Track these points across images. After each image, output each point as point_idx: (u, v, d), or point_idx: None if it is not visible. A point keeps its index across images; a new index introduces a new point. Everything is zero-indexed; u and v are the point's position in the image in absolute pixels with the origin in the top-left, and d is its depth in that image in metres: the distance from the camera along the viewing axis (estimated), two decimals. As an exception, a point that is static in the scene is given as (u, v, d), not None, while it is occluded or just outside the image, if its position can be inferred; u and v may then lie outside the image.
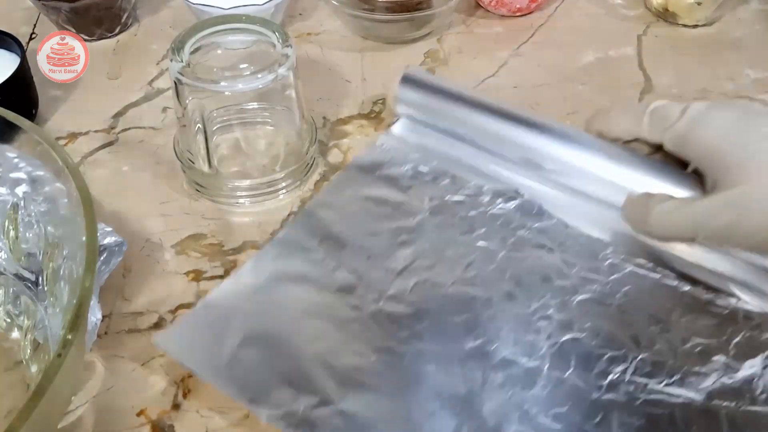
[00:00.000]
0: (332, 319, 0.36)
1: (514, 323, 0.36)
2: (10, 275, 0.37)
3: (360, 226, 0.41)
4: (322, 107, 0.51)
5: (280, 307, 0.37)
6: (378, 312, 0.37)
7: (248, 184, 0.44)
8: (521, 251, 0.40)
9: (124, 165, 0.47)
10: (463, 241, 0.40)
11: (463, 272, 0.39)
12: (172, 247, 0.42)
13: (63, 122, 0.50)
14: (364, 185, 0.43)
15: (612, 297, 0.37)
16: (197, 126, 0.42)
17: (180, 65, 0.40)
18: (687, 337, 0.36)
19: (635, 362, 0.35)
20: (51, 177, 0.34)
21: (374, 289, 0.38)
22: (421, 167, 0.44)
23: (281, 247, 0.40)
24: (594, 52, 0.56)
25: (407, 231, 0.41)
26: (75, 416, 0.34)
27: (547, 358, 0.35)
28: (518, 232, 0.40)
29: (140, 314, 0.38)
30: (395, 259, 0.39)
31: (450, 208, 0.42)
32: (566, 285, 0.38)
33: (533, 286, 0.38)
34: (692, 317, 0.37)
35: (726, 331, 0.36)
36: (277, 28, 0.42)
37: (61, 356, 0.26)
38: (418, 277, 0.38)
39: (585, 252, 0.39)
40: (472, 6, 0.61)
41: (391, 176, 0.44)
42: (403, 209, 0.42)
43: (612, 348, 0.35)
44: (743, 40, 0.57)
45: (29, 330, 0.36)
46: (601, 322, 0.36)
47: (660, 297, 0.37)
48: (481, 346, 0.35)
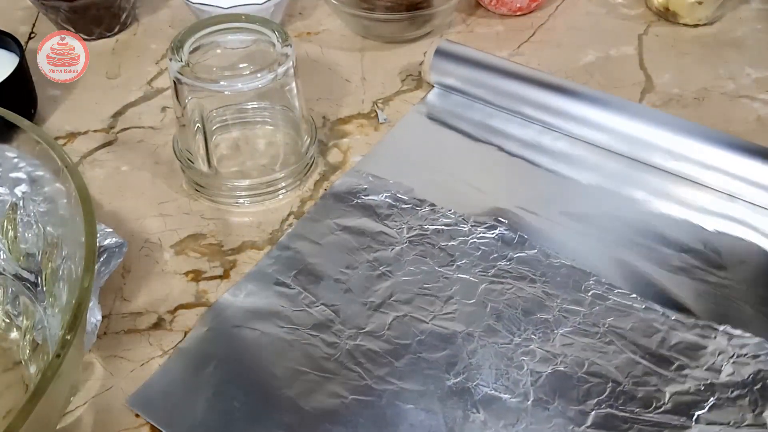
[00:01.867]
0: (308, 359, 0.35)
1: (495, 358, 0.35)
2: (9, 275, 0.37)
3: (337, 258, 0.40)
4: (321, 107, 0.51)
5: (254, 349, 0.36)
6: (355, 349, 0.36)
7: (248, 183, 0.44)
8: (502, 283, 0.39)
9: (123, 165, 0.47)
10: (442, 273, 0.39)
11: (443, 306, 0.38)
12: (171, 247, 0.42)
13: (62, 122, 0.50)
14: (341, 215, 0.42)
15: (596, 327, 0.37)
16: (196, 125, 0.42)
17: (179, 65, 0.40)
18: (673, 360, 0.35)
19: (621, 392, 0.34)
20: (50, 177, 0.34)
21: (351, 325, 0.37)
22: (399, 194, 0.43)
23: (255, 282, 0.39)
24: (595, 51, 0.56)
25: (386, 263, 0.40)
26: (74, 416, 0.34)
27: (531, 393, 0.34)
28: (499, 263, 0.40)
29: (139, 314, 0.38)
30: (373, 293, 0.38)
31: (429, 238, 0.41)
32: (548, 318, 0.37)
33: (515, 320, 0.37)
34: (679, 344, 0.36)
35: (715, 355, 0.35)
36: (277, 28, 0.42)
37: (60, 356, 0.26)
38: (396, 311, 0.37)
39: (567, 282, 0.39)
40: (473, 5, 0.61)
41: (369, 205, 0.43)
42: (381, 240, 0.41)
43: (597, 379, 0.35)
44: (744, 39, 0.57)
45: (28, 330, 0.36)
46: (584, 353, 0.36)
47: (645, 326, 0.37)
48: (461, 383, 0.34)
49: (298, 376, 0.35)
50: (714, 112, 0.50)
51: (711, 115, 0.50)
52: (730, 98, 0.51)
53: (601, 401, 0.34)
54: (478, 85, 0.49)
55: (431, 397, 0.34)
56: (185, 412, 0.33)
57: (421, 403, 0.34)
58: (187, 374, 0.35)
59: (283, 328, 0.37)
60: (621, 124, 0.45)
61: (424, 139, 0.48)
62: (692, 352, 0.36)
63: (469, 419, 0.33)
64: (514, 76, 0.48)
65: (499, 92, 0.48)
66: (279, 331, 0.36)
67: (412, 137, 0.48)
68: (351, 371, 0.35)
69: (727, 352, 0.36)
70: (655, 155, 0.44)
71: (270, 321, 0.37)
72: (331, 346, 0.36)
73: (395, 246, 0.40)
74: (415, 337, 0.36)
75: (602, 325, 0.37)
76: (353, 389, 0.34)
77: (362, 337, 0.36)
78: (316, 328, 0.37)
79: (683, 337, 0.36)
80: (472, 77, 0.49)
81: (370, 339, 0.36)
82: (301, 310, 0.37)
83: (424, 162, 0.46)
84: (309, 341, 0.36)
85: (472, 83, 0.49)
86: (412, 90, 0.52)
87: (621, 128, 0.45)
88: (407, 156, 0.46)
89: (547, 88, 0.47)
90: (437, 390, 0.34)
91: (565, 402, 0.34)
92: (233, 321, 0.37)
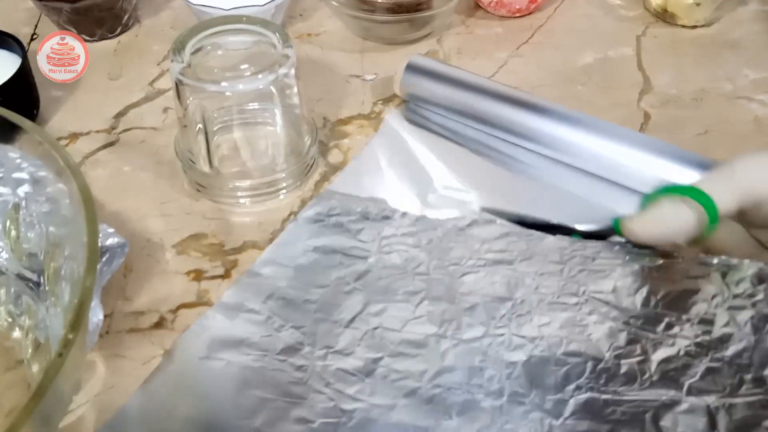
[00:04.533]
0: (275, 386, 0.34)
1: (468, 356, 0.33)
2: (12, 275, 0.37)
3: (308, 279, 0.38)
4: (322, 107, 0.51)
5: (220, 380, 0.34)
6: (324, 370, 0.34)
7: (249, 184, 0.44)
8: (476, 272, 0.37)
9: (125, 165, 0.47)
10: (415, 277, 0.38)
11: (415, 311, 0.36)
12: (173, 247, 0.42)
13: (64, 122, 0.51)
14: (312, 236, 0.41)
15: (575, 297, 0.34)
16: (198, 126, 0.42)
17: (181, 66, 0.40)
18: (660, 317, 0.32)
19: (602, 370, 0.32)
20: (53, 177, 0.34)
21: (321, 345, 0.35)
22: (370, 208, 0.42)
23: (224, 312, 0.37)
24: (593, 52, 0.56)
25: (357, 277, 0.38)
26: (76, 416, 0.34)
27: (506, 388, 0.32)
28: (473, 252, 0.38)
29: (141, 314, 0.38)
30: (345, 310, 0.36)
31: (401, 244, 0.39)
32: (524, 298, 0.35)
33: (489, 309, 0.35)
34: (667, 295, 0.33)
35: (708, 301, 0.33)
36: (278, 29, 0.43)
37: (62, 356, 0.26)
38: (368, 325, 0.36)
39: (546, 254, 0.36)
40: (472, 7, 0.61)
41: (340, 222, 0.41)
42: (353, 254, 0.39)
43: (576, 358, 0.32)
44: (742, 40, 0.57)
45: (30, 329, 0.36)
46: (562, 331, 0.33)
47: (629, 282, 0.34)
48: (433, 389, 0.33)
49: (265, 405, 0.33)
50: (712, 113, 0.50)
51: (709, 116, 0.50)
52: (727, 99, 0.52)
53: (581, 385, 0.31)
54: (448, 100, 0.48)
55: (402, 410, 0.32)
56: None
57: (392, 417, 0.32)
58: (152, 412, 0.34)
59: (251, 356, 0.35)
60: (590, 142, 0.44)
61: (395, 151, 0.47)
62: (682, 302, 0.33)
63: (442, 427, 0.31)
64: (484, 92, 0.47)
65: (469, 108, 0.47)
66: (246, 359, 0.35)
67: (384, 151, 0.47)
68: (320, 393, 0.33)
69: (722, 293, 0.33)
70: (626, 179, 0.43)
71: (237, 349, 0.35)
72: (300, 369, 0.34)
73: (367, 258, 0.39)
74: (386, 348, 0.35)
75: (582, 294, 0.34)
76: (321, 412, 0.33)
77: (332, 357, 0.35)
78: (285, 352, 0.35)
79: (671, 286, 0.34)
80: (442, 92, 0.48)
81: (340, 357, 0.34)
82: (269, 336, 0.36)
83: (396, 173, 0.45)
84: (277, 367, 0.35)
85: (441, 98, 0.48)
86: (411, 91, 0.53)
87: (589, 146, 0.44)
88: (377, 170, 0.45)
89: (517, 104, 0.46)
90: (409, 401, 0.32)
91: (542, 392, 0.32)
92: (199, 353, 0.35)
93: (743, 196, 0.33)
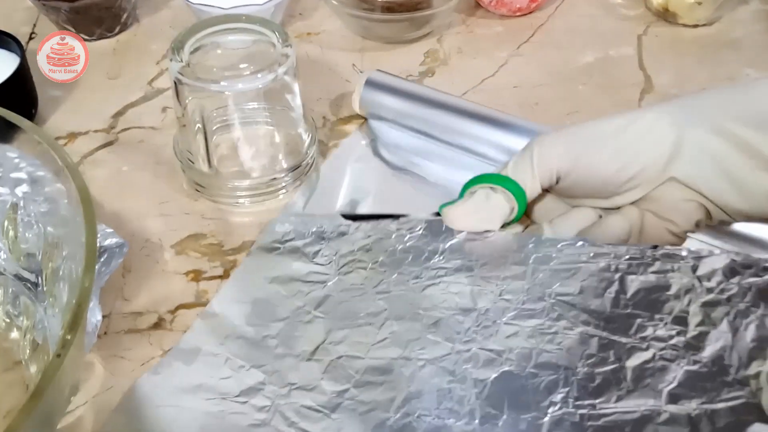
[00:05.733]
0: (236, 430, 0.32)
1: (436, 377, 0.31)
2: (10, 275, 0.37)
3: (267, 313, 0.36)
4: (322, 107, 0.51)
5: (177, 429, 0.33)
6: (288, 408, 0.32)
7: (248, 184, 0.44)
8: (437, 284, 0.34)
9: (124, 165, 0.47)
10: (376, 296, 0.35)
11: (378, 333, 0.33)
12: (171, 247, 0.42)
13: (63, 122, 0.50)
14: (268, 267, 0.38)
15: (542, 302, 0.32)
16: (197, 126, 0.42)
17: (180, 65, 0.40)
18: (632, 319, 0.30)
19: (576, 381, 0.29)
20: (51, 177, 0.34)
21: (283, 383, 0.33)
22: (326, 226, 0.39)
23: (181, 359, 0.35)
24: (594, 51, 0.56)
25: (317, 304, 0.36)
26: (74, 416, 0.34)
27: (477, 409, 0.30)
28: (432, 261, 0.36)
29: (140, 314, 0.38)
30: (306, 341, 0.34)
31: (360, 262, 0.37)
32: (488, 307, 0.33)
33: (453, 323, 0.33)
34: (637, 293, 0.31)
35: (680, 298, 0.31)
36: (277, 28, 0.42)
37: (61, 356, 0.26)
38: (330, 355, 0.33)
39: (506, 256, 0.34)
40: (472, 6, 0.61)
41: (296, 247, 0.39)
42: (311, 280, 0.37)
43: (547, 371, 0.30)
44: (743, 39, 0.57)
45: (28, 330, 0.36)
46: (531, 341, 0.31)
47: (596, 281, 0.32)
48: (402, 419, 0.30)
49: None
50: (713, 113, 0.50)
51: (710, 115, 0.50)
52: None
53: (555, 401, 0.29)
54: (407, 116, 0.47)
55: None
56: None
57: None
58: None
59: (210, 400, 0.33)
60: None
61: (354, 168, 0.46)
62: (653, 301, 0.31)
63: None
64: (444, 107, 0.46)
65: (428, 123, 0.46)
66: (204, 405, 0.33)
67: (342, 169, 0.46)
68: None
69: (694, 289, 0.31)
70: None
71: (194, 395, 0.33)
72: (262, 410, 0.32)
73: (327, 282, 0.37)
74: (351, 378, 0.32)
75: (548, 297, 0.32)
76: None
77: (295, 393, 0.32)
78: (246, 393, 0.33)
79: (642, 281, 0.32)
80: (401, 108, 0.47)
81: (304, 393, 0.32)
82: (228, 378, 0.34)
83: (354, 190, 0.44)
84: (237, 410, 0.33)
85: (401, 114, 0.47)
86: (411, 90, 0.53)
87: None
88: (334, 189, 0.45)
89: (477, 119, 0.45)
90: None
91: (516, 411, 0.29)
92: (154, 401, 0.34)
93: (544, 174, 0.34)
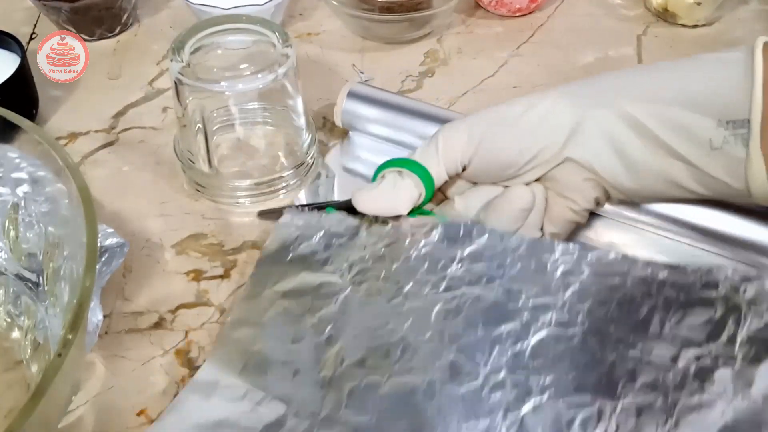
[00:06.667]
0: None
1: (463, 407, 0.30)
2: (11, 275, 0.37)
3: (281, 334, 0.34)
4: (322, 107, 0.51)
5: None
6: None
7: (248, 184, 0.44)
8: (457, 296, 0.33)
9: (125, 165, 0.47)
10: (392, 309, 0.34)
11: (398, 356, 0.32)
12: (172, 247, 0.42)
13: (63, 122, 0.50)
14: (277, 280, 0.36)
15: (573, 325, 0.31)
16: (197, 126, 0.42)
17: (180, 65, 0.40)
18: (676, 351, 0.29)
19: (615, 416, 0.28)
20: (52, 177, 0.34)
21: (306, 414, 0.31)
22: (333, 228, 0.38)
23: (200, 392, 0.33)
24: (593, 52, 0.56)
25: (331, 320, 0.34)
26: (75, 416, 0.34)
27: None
28: (449, 269, 0.34)
29: (140, 314, 0.38)
30: (324, 365, 0.33)
31: (372, 270, 0.35)
32: (515, 328, 0.31)
33: (478, 344, 0.31)
34: (679, 315, 0.30)
35: (726, 323, 0.28)
36: (277, 28, 0.42)
37: (62, 356, 0.26)
38: (351, 380, 0.32)
39: (530, 267, 0.33)
40: (472, 6, 0.61)
41: (304, 255, 0.37)
42: (323, 293, 0.35)
43: (584, 405, 0.29)
44: (743, 40, 0.57)
45: (29, 330, 0.36)
46: (564, 370, 0.30)
47: (632, 298, 0.31)
48: None
49: None
50: (713, 113, 0.50)
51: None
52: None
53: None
54: (389, 127, 0.46)
55: None
56: None
57: None
58: None
59: None
60: None
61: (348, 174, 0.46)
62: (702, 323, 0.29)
63: None
64: (426, 117, 0.45)
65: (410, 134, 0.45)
66: None
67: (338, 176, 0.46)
68: None
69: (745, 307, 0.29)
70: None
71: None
72: None
73: (339, 294, 0.35)
74: (374, 409, 0.31)
75: (579, 315, 0.31)
76: None
77: (319, 427, 0.31)
78: (268, 429, 0.31)
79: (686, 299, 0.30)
80: (383, 119, 0.46)
81: (328, 426, 0.31)
82: (250, 412, 0.32)
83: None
84: None
85: (382, 125, 0.46)
86: (412, 90, 0.53)
87: None
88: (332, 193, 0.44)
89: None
90: None
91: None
92: None
93: (449, 163, 0.36)
